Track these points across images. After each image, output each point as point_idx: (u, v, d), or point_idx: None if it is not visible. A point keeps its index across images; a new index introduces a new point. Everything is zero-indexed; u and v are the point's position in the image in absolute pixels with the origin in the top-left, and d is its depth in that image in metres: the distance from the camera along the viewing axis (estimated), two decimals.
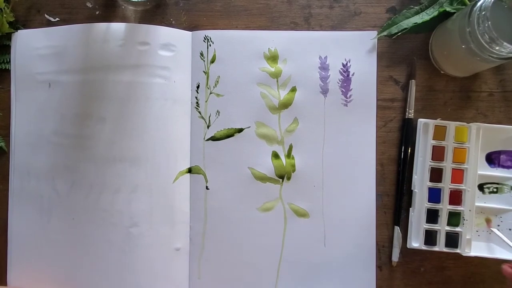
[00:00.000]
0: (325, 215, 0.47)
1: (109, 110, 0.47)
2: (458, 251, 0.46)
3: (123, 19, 0.49)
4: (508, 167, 0.47)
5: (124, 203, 0.47)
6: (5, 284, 0.48)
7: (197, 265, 0.48)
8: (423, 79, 0.48)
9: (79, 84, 0.47)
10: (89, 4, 0.49)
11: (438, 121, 0.46)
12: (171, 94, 0.47)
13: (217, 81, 0.48)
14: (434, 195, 0.46)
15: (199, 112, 0.48)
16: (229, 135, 0.48)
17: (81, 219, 0.47)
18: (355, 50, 0.48)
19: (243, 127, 0.48)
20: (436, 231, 0.46)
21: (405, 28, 0.47)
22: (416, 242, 0.46)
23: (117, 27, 0.47)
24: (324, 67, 0.48)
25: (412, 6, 0.47)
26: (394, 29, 0.47)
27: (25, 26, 0.49)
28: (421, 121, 0.46)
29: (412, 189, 0.47)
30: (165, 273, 0.47)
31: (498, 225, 0.47)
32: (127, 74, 0.47)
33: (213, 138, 0.48)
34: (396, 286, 0.48)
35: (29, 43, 0.49)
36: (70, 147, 0.47)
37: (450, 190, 0.46)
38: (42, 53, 0.48)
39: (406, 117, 0.47)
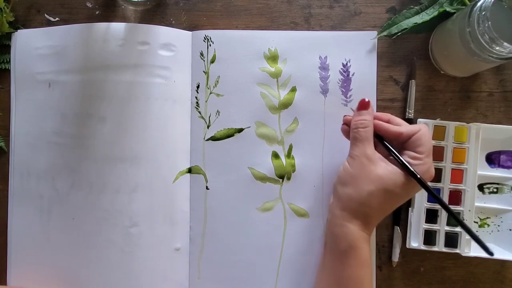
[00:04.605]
0: (325, 215, 0.47)
1: (109, 110, 0.47)
2: (457, 251, 0.46)
3: (123, 19, 0.49)
4: (508, 167, 0.47)
5: (124, 203, 0.47)
6: (5, 284, 0.48)
7: (197, 265, 0.48)
8: (423, 79, 0.48)
9: (79, 84, 0.47)
10: (89, 4, 0.49)
11: (438, 121, 0.46)
12: (171, 94, 0.47)
13: (217, 81, 0.48)
14: None
15: (199, 112, 0.48)
16: (229, 135, 0.48)
17: (81, 219, 0.47)
18: (355, 50, 0.48)
19: (243, 127, 0.48)
20: (436, 231, 0.46)
21: (405, 28, 0.47)
22: (415, 242, 0.46)
23: (117, 27, 0.47)
24: (324, 67, 0.48)
25: (412, 6, 0.47)
26: (394, 29, 0.47)
27: (25, 26, 0.49)
28: (420, 121, 0.46)
29: None
30: (165, 273, 0.47)
31: (499, 225, 0.47)
32: (127, 74, 0.47)
33: (213, 138, 0.48)
34: (396, 286, 0.48)
35: (29, 43, 0.49)
36: (70, 147, 0.47)
37: (450, 190, 0.46)
38: (42, 53, 0.48)
39: (406, 117, 0.47)
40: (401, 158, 0.40)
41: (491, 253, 0.36)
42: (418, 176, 0.38)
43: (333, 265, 0.41)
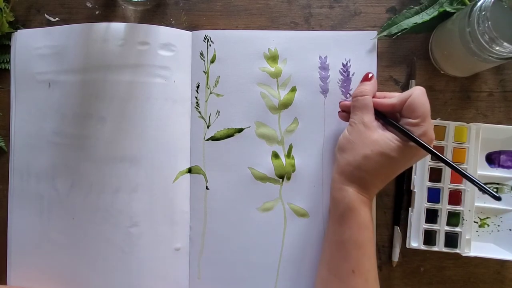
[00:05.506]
0: (325, 215, 0.47)
1: (109, 110, 0.47)
2: (457, 251, 0.46)
3: (123, 19, 0.49)
4: (508, 167, 0.47)
5: (124, 203, 0.47)
6: (5, 284, 0.48)
7: (197, 265, 0.48)
8: (423, 79, 0.48)
9: (79, 84, 0.47)
10: (89, 4, 0.49)
11: (438, 121, 0.46)
12: (171, 94, 0.47)
13: (217, 81, 0.48)
14: (434, 195, 0.46)
15: (199, 112, 0.48)
16: (229, 135, 0.48)
17: (81, 219, 0.47)
18: (355, 50, 0.48)
19: (243, 127, 0.48)
20: (436, 231, 0.46)
21: (405, 28, 0.47)
22: (415, 242, 0.46)
23: (117, 27, 0.47)
24: (324, 67, 0.48)
25: (412, 6, 0.47)
26: (394, 29, 0.47)
27: (25, 26, 0.49)
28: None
29: (411, 189, 0.47)
30: (165, 273, 0.47)
31: (498, 225, 0.47)
32: (127, 74, 0.47)
33: (213, 138, 0.48)
34: (396, 286, 0.48)
35: (29, 43, 0.49)
36: (70, 147, 0.47)
37: (450, 190, 0.46)
38: (42, 53, 0.48)
39: None
40: (393, 122, 0.40)
41: (498, 198, 0.36)
42: (414, 136, 0.38)
43: (334, 229, 0.42)
